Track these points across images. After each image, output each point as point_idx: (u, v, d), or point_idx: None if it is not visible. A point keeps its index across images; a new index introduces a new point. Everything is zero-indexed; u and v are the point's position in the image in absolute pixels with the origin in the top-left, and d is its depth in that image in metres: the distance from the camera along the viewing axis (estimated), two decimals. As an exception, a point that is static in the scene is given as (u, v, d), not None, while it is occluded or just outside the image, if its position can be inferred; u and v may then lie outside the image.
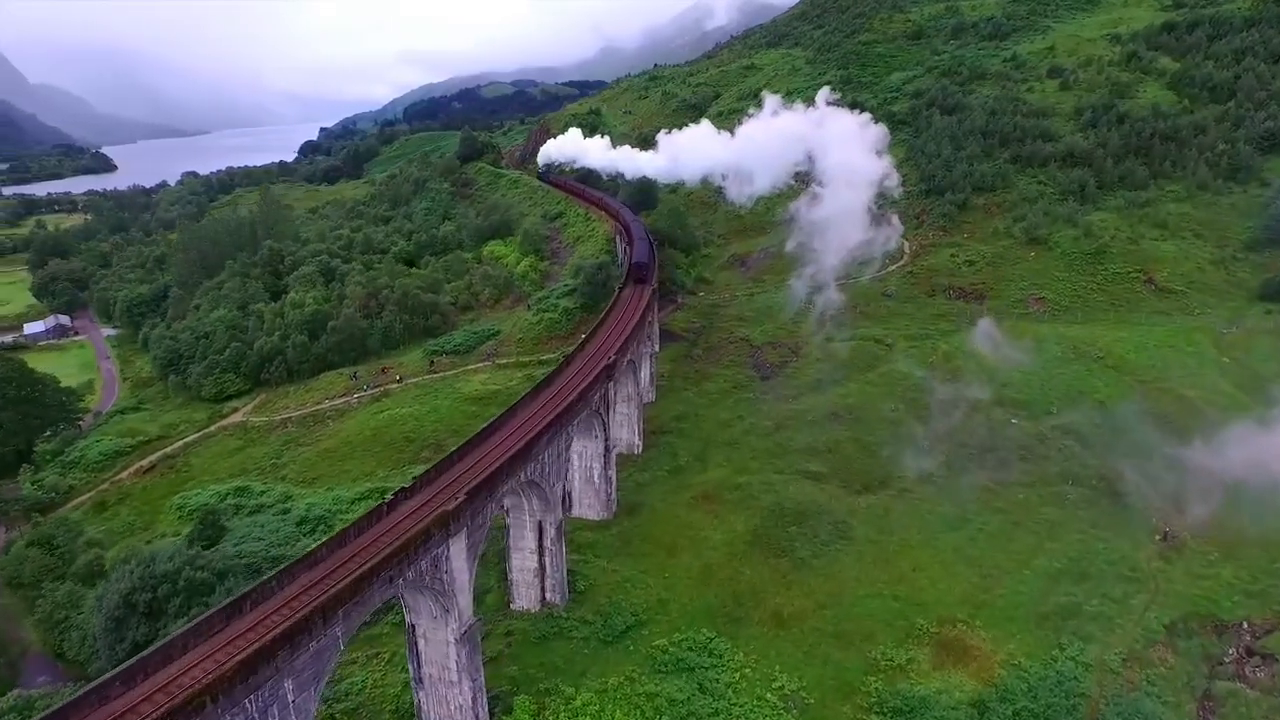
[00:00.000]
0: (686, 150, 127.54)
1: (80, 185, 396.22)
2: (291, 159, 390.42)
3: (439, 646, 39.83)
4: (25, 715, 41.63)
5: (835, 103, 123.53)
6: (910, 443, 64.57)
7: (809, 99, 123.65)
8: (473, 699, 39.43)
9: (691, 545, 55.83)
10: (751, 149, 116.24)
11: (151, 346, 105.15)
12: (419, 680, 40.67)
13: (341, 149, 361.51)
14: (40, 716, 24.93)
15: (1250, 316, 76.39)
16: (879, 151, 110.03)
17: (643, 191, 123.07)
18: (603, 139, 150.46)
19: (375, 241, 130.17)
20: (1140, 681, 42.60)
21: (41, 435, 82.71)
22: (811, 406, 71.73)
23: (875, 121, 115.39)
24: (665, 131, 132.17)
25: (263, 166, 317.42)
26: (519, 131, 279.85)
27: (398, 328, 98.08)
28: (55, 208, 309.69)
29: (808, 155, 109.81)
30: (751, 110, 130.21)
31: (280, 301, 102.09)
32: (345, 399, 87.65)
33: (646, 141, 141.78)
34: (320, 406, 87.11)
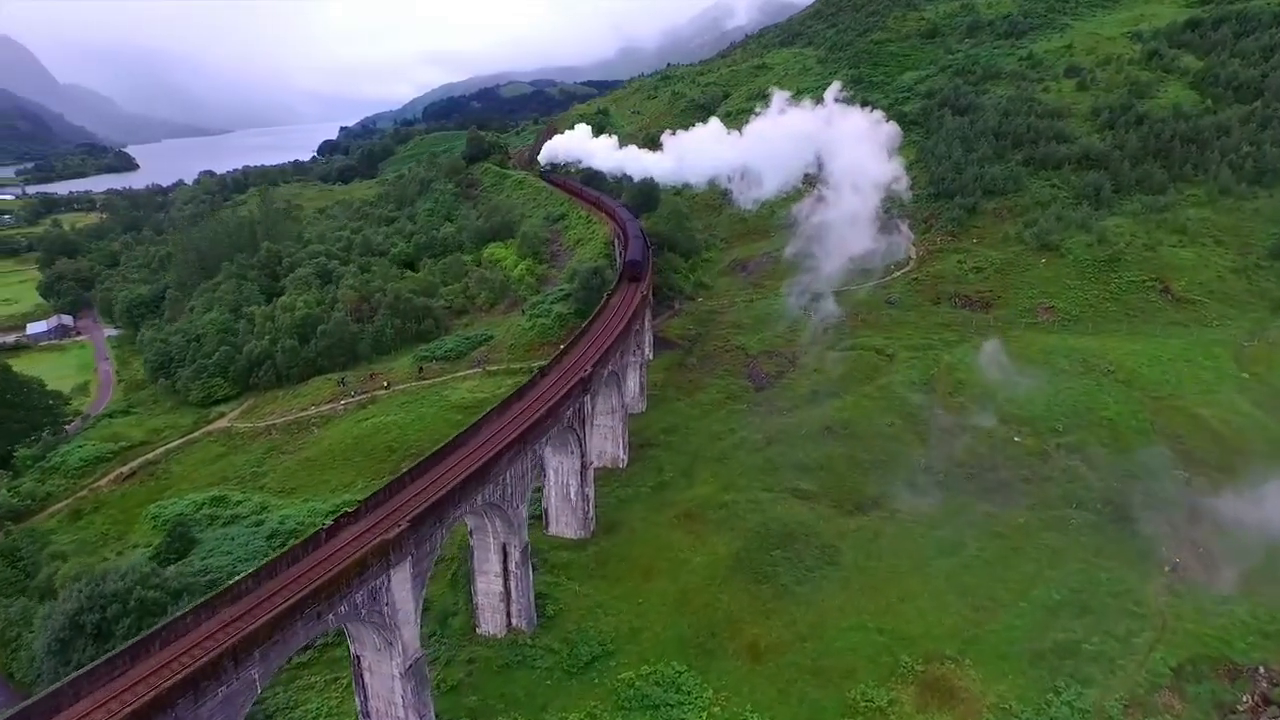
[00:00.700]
0: (692, 151, 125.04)
1: (102, 184, 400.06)
2: (310, 158, 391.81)
3: (384, 680, 37.61)
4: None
5: (845, 99, 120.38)
6: (906, 460, 61.52)
7: (818, 97, 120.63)
8: (420, 737, 37.15)
9: (670, 568, 53.16)
10: (758, 149, 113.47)
11: (143, 349, 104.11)
12: (366, 714, 38.54)
13: (357, 148, 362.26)
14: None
15: (1273, 329, 72.21)
16: (890, 152, 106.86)
17: (644, 193, 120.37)
18: (609, 139, 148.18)
19: (374, 243, 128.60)
20: (1143, 730, 39.41)
21: (24, 440, 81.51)
22: (805, 420, 68.76)
23: (887, 120, 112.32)
24: (670, 132, 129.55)
25: (277, 166, 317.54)
26: (531, 131, 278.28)
27: (389, 332, 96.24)
28: (74, 206, 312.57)
29: (817, 157, 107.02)
30: (758, 109, 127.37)
31: (272, 304, 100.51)
32: (331, 405, 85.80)
33: (653, 142, 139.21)
34: (306, 413, 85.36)
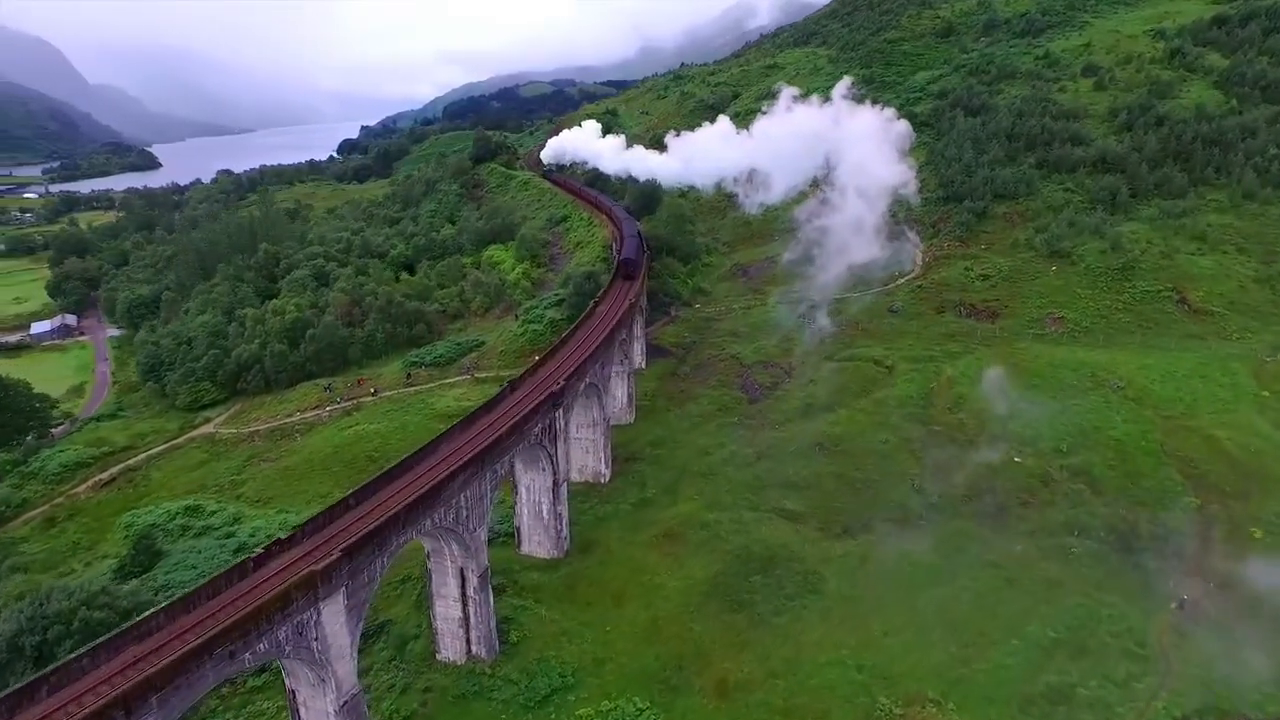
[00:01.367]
0: (697, 153, 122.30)
1: (124, 183, 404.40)
2: (327, 158, 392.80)
3: (319, 717, 35.33)
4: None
5: (855, 96, 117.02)
6: (899, 480, 58.39)
7: (827, 96, 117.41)
8: (354, 780, 34.83)
9: (643, 593, 50.52)
10: (765, 150, 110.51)
11: (135, 351, 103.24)
12: (302, 752, 36.22)
13: (374, 148, 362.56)
14: None
15: (1298, 343, 68.26)
16: (901, 153, 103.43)
17: (645, 195, 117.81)
18: (617, 139, 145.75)
19: (374, 244, 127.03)
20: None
21: (7, 444, 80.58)
22: (797, 435, 65.78)
23: (900, 111, 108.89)
24: (674, 133, 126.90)
25: (292, 165, 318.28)
26: (545, 131, 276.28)
27: (379, 337, 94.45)
28: (93, 205, 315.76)
29: (826, 159, 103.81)
30: (765, 107, 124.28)
31: (263, 307, 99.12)
32: (317, 412, 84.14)
33: (658, 143, 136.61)
34: (290, 419, 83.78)
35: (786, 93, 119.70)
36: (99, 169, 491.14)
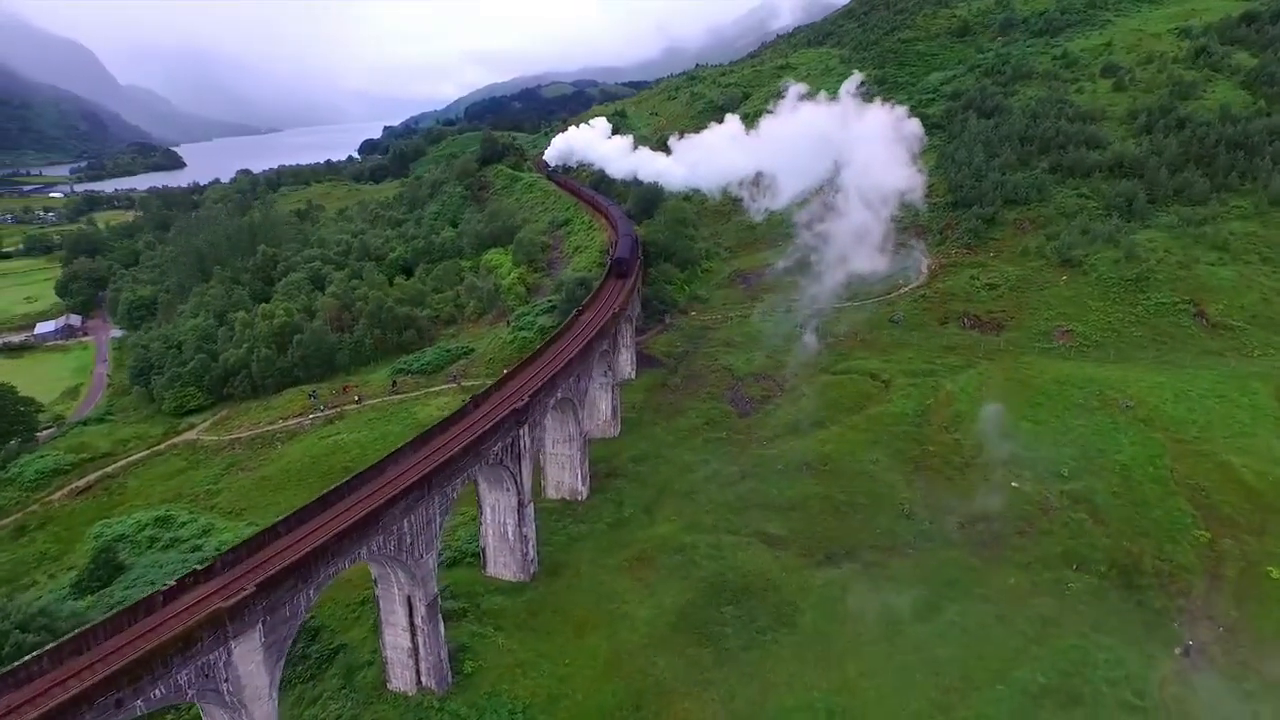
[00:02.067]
0: (702, 155, 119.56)
1: (148, 182, 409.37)
2: (346, 158, 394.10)
3: (238, 761, 32.92)
4: None
5: (864, 94, 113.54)
6: (888, 504, 55.13)
7: (835, 95, 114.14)
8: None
9: (608, 622, 47.74)
10: (772, 152, 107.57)
11: (126, 353, 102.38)
12: (222, 797, 33.86)
13: (392, 148, 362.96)
14: None
15: (1325, 361, 63.94)
16: (911, 155, 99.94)
17: (645, 199, 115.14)
18: (623, 140, 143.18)
19: (373, 247, 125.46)
20: None
21: (-10, 449, 79.82)
22: (785, 453, 62.66)
23: (912, 113, 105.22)
24: (676, 136, 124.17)
25: (309, 165, 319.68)
26: (560, 132, 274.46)
27: (368, 343, 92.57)
28: (114, 204, 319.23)
29: (834, 162, 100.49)
30: (771, 107, 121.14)
31: (253, 311, 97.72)
32: (299, 420, 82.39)
33: (665, 145, 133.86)
34: (273, 427, 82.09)
35: (793, 90, 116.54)
36: (124, 168, 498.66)
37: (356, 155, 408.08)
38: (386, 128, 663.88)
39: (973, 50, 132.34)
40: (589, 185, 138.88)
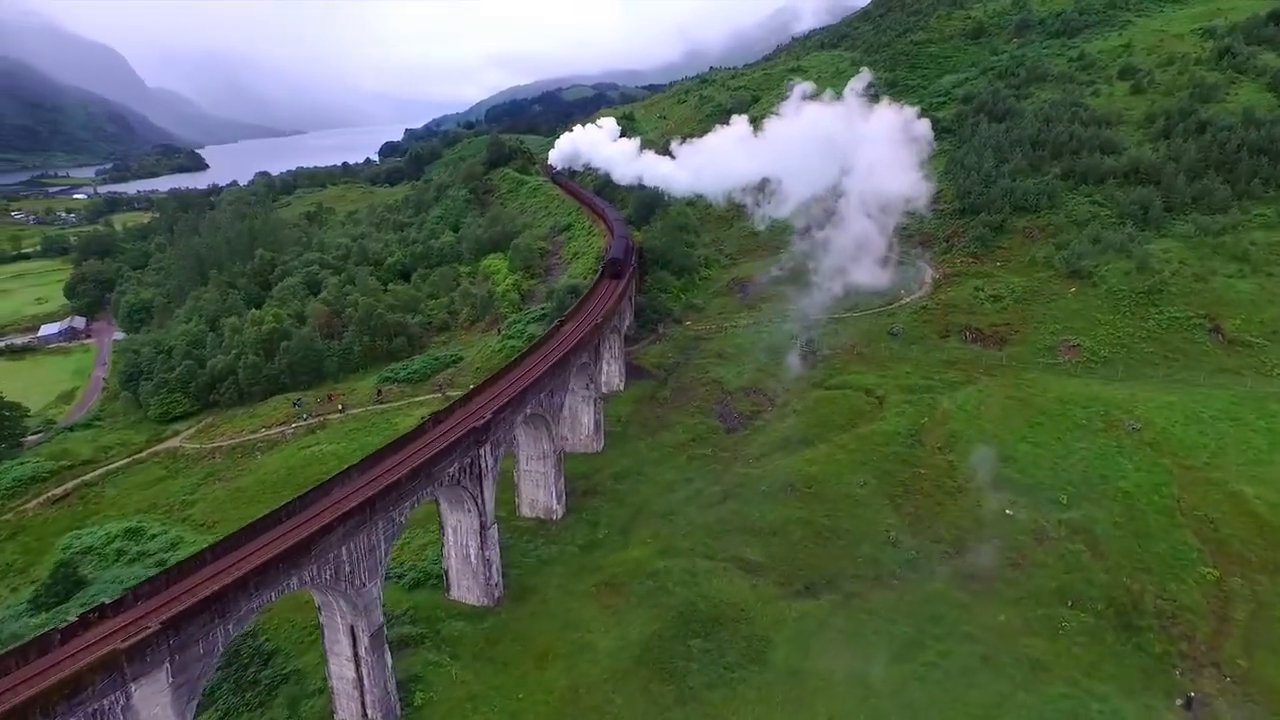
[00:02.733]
0: (706, 160, 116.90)
1: (170, 184, 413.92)
2: (363, 160, 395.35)
3: (147, 808, 30.78)
4: None
5: (872, 94, 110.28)
6: (873, 531, 52.12)
7: (839, 93, 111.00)
8: None
9: (570, 653, 45.25)
10: (777, 156, 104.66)
11: (117, 358, 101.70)
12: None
13: (410, 151, 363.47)
14: None
15: (1351, 381, 59.92)
16: (919, 159, 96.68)
17: (645, 204, 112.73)
18: (630, 143, 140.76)
19: (372, 251, 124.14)
20: None
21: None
22: (770, 472, 59.79)
23: (921, 116, 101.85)
24: (678, 140, 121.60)
25: (325, 167, 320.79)
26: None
27: (356, 350, 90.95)
28: (134, 206, 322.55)
29: (840, 167, 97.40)
30: (776, 108, 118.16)
31: (243, 316, 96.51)
32: (282, 429, 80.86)
33: (669, 149, 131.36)
34: (255, 436, 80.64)
35: (797, 90, 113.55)
36: (148, 170, 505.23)
37: (374, 158, 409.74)
38: (408, 130, 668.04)
39: (987, 52, 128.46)
40: (594, 189, 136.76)
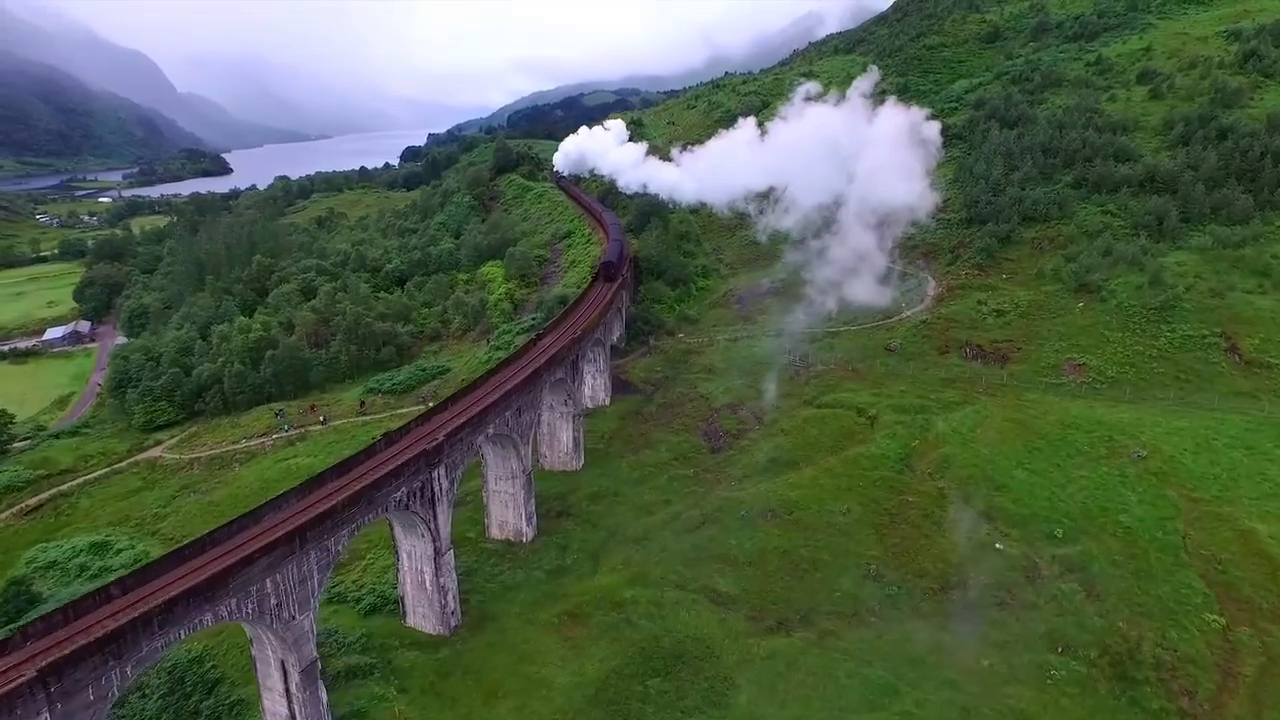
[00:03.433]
0: (708, 167, 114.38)
1: (194, 188, 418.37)
2: (383, 164, 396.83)
3: None
4: None
5: (879, 91, 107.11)
6: (854, 563, 48.97)
7: (844, 94, 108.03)
8: None
9: (522, 690, 42.61)
10: (780, 162, 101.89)
11: (108, 364, 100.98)
12: None
13: (425, 155, 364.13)
14: None
15: (1379, 407, 55.73)
16: (927, 165, 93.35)
17: (642, 212, 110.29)
18: (637, 148, 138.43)
19: (370, 258, 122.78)
20: None
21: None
22: (751, 496, 56.83)
23: (931, 118, 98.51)
24: (679, 148, 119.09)
25: (343, 172, 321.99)
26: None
27: (343, 359, 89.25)
28: (155, 209, 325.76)
29: (845, 174, 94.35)
30: (781, 112, 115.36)
31: (232, 324, 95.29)
32: (262, 440, 79.21)
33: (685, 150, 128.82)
34: (235, 447, 79.08)
35: (801, 90, 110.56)
36: (173, 174, 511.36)
37: (393, 162, 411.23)
38: (431, 135, 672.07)
39: (1001, 57, 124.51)
40: (599, 195, 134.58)
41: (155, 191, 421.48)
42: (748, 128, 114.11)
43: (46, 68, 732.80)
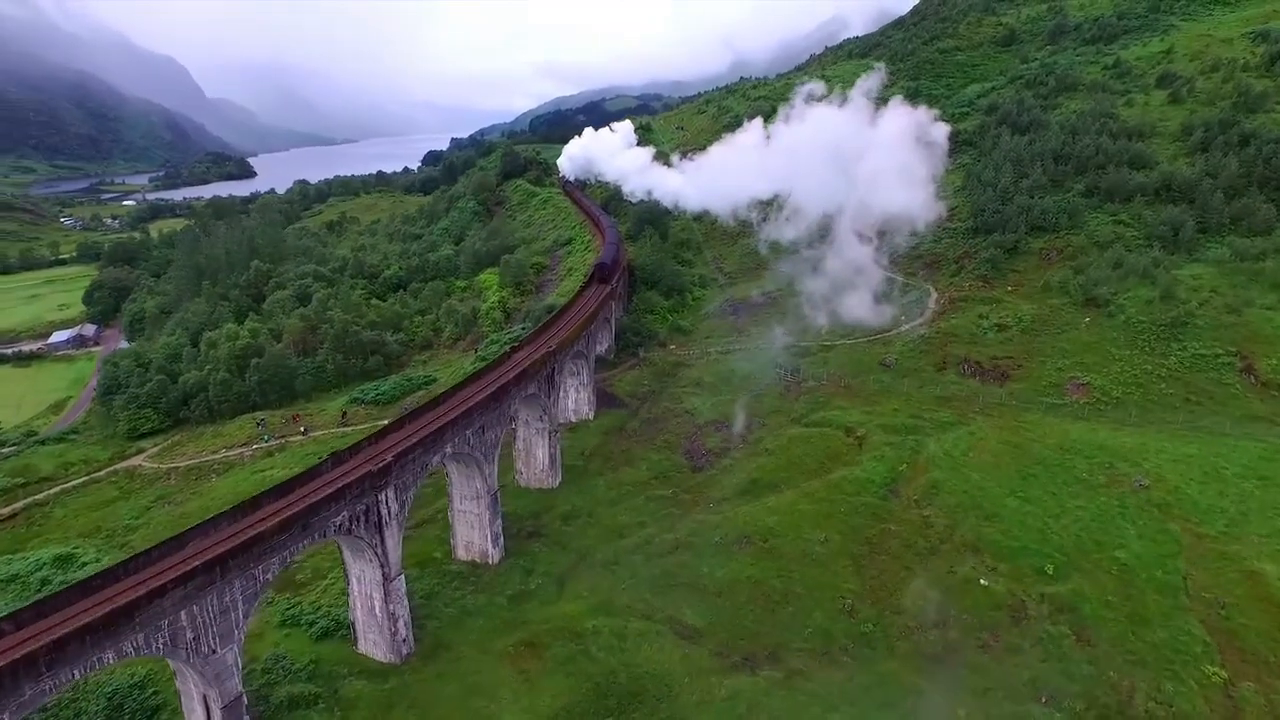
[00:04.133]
0: (712, 175, 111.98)
1: (217, 191, 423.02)
2: (402, 168, 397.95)
3: None
4: None
5: (884, 96, 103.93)
6: (829, 597, 46.01)
7: (847, 94, 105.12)
8: None
9: (467, 729, 40.24)
10: (784, 167, 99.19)
11: (101, 370, 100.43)
12: None
13: (444, 159, 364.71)
14: None
15: (1406, 434, 51.66)
16: (933, 170, 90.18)
17: (640, 219, 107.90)
18: (644, 153, 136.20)
19: (368, 264, 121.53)
20: None
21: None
22: (728, 521, 54.02)
23: (937, 120, 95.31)
24: (679, 154, 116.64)
25: (360, 176, 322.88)
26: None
27: (329, 368, 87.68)
28: (176, 213, 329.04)
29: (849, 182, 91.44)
30: (785, 115, 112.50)
31: (220, 330, 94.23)
32: (241, 450, 77.77)
33: (685, 158, 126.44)
34: (214, 457, 77.66)
35: (803, 90, 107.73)
36: (199, 177, 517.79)
37: (412, 166, 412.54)
38: (454, 139, 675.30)
39: (1016, 60, 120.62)
40: (603, 201, 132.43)
41: (179, 194, 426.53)
42: (749, 132, 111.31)
43: (79, 73, 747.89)
